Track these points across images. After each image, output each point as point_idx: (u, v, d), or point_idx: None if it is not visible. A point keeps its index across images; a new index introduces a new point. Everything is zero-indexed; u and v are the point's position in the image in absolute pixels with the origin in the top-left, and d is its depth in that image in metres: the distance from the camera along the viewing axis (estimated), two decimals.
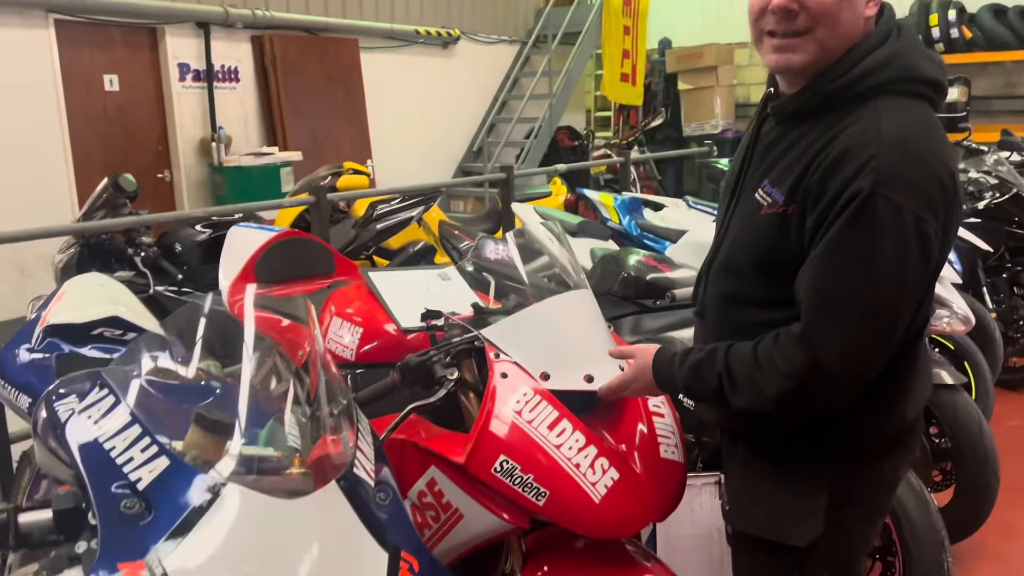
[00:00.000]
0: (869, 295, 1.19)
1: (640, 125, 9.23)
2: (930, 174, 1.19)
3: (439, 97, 8.34)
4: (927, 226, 1.18)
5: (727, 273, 1.43)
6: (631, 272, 2.52)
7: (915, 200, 1.17)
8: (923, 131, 1.22)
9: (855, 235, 1.18)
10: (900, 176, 1.17)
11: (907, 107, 1.25)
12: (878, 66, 1.25)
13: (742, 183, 1.44)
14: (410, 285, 2.08)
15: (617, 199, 4.20)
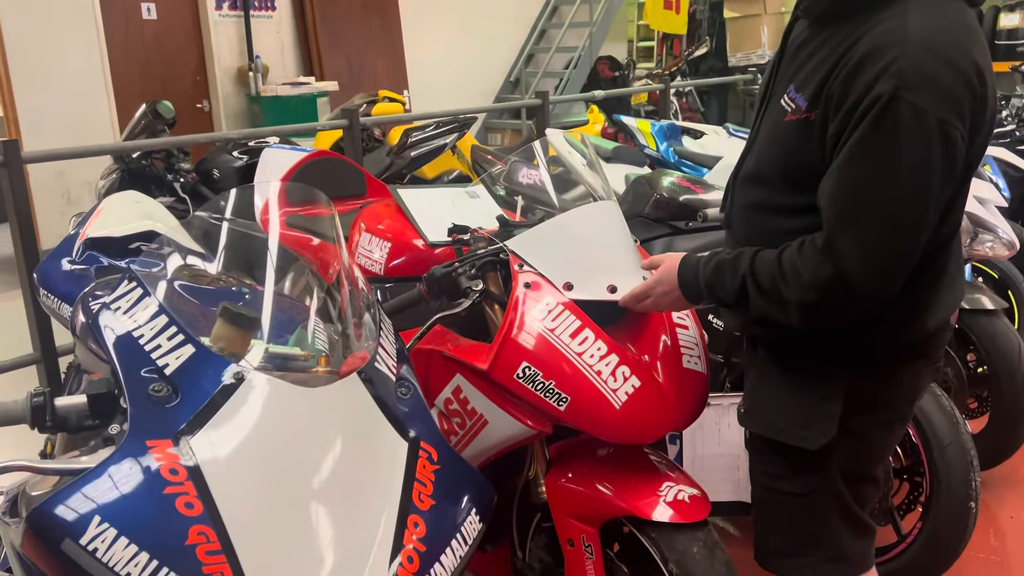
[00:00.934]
0: (892, 203, 1.17)
1: (683, 54, 8.97)
2: (957, 74, 1.15)
3: (476, 26, 8.19)
4: (952, 129, 1.14)
5: (754, 182, 1.40)
6: (663, 193, 2.49)
7: (939, 102, 1.13)
8: (953, 30, 1.17)
9: (876, 141, 1.15)
10: (924, 78, 1.13)
11: (940, 6, 1.19)
12: None
13: (772, 89, 1.40)
14: (438, 202, 2.08)
15: (655, 125, 4.12)
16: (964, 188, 1.28)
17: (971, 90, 1.16)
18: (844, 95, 1.19)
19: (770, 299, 1.27)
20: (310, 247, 2.37)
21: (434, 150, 4.13)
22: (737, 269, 1.31)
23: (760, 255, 1.29)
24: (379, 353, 1.17)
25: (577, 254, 1.56)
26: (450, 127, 4.16)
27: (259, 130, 3.79)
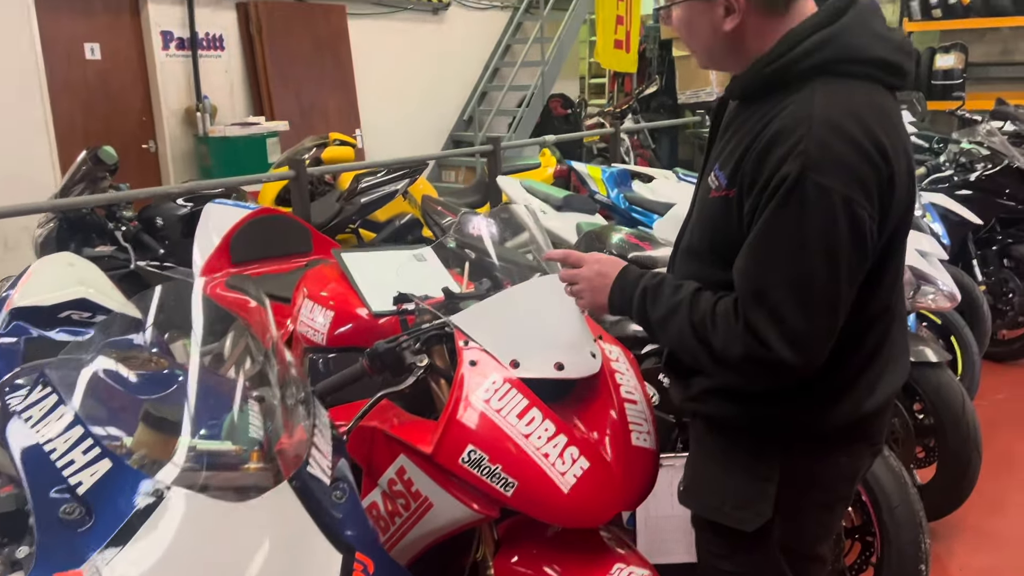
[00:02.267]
0: (801, 280, 1.17)
1: (634, 92, 9.11)
2: (861, 154, 1.16)
3: (429, 65, 8.21)
4: (858, 208, 1.16)
5: (690, 255, 1.43)
6: (613, 250, 2.48)
7: (844, 181, 1.15)
8: (859, 110, 1.19)
9: (784, 218, 1.17)
10: (829, 157, 1.15)
11: (848, 88, 1.22)
12: (815, 47, 1.22)
13: (705, 166, 1.44)
14: (383, 267, 2.04)
15: (605, 171, 4.14)
16: (889, 266, 1.29)
17: (876, 170, 1.17)
18: (756, 174, 1.21)
19: (696, 335, 1.26)
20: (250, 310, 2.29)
21: (385, 196, 4.09)
22: (678, 292, 1.31)
23: (702, 292, 1.31)
24: (313, 453, 1.12)
25: (524, 330, 1.53)
26: (401, 172, 4.13)
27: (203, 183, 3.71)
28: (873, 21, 1.28)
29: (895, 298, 1.35)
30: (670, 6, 1.35)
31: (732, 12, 1.26)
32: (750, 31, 1.28)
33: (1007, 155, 4.07)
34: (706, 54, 1.37)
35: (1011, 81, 8.55)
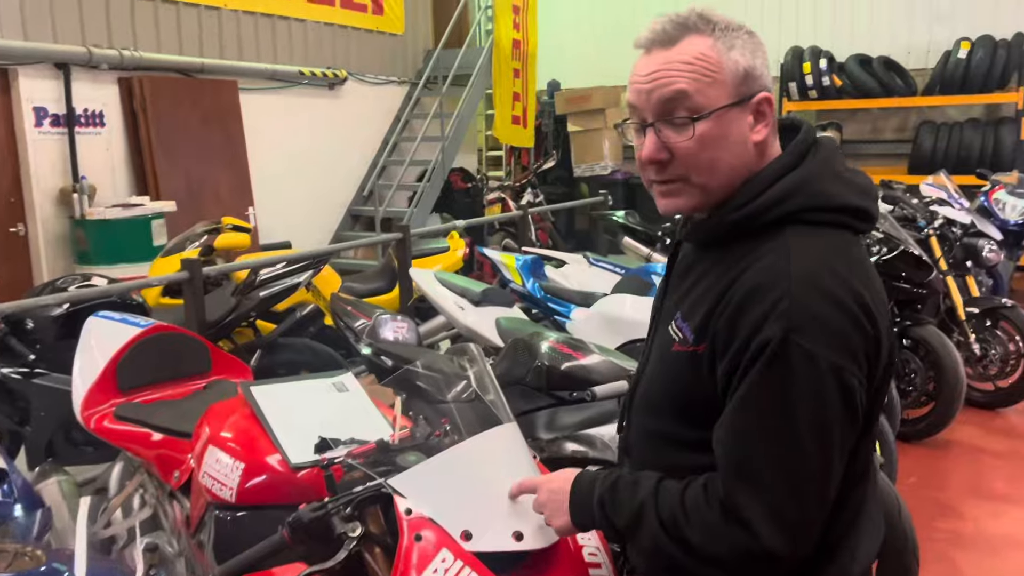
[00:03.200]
0: (790, 457, 1.07)
1: (532, 167, 9.20)
2: (847, 316, 1.08)
3: (326, 139, 8.02)
4: (848, 376, 1.07)
5: (651, 410, 1.29)
6: (544, 362, 2.34)
7: (832, 347, 1.06)
8: (836, 264, 1.11)
9: (768, 390, 1.07)
10: (813, 320, 1.06)
11: (821, 238, 1.14)
12: (784, 195, 1.15)
13: (663, 306, 1.34)
14: (299, 401, 1.81)
15: (519, 260, 4.04)
16: (869, 424, 1.19)
17: (862, 331, 1.09)
18: (731, 335, 1.11)
19: (670, 535, 1.14)
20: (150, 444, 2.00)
21: (286, 289, 3.84)
22: (636, 491, 1.18)
23: (664, 484, 1.17)
24: None
25: (475, 493, 1.35)
26: (304, 264, 3.89)
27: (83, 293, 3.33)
28: (836, 163, 1.21)
29: (872, 450, 1.25)
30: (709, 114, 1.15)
31: (763, 120, 1.18)
32: (760, 149, 1.19)
33: (900, 240, 4.23)
34: (733, 171, 1.18)
35: (881, 157, 9.17)
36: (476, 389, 1.54)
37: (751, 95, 1.15)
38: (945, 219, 4.72)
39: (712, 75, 1.14)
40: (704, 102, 1.14)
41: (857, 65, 8.66)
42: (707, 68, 1.14)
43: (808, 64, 8.78)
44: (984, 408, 4.52)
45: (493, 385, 1.54)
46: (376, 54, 8.65)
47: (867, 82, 8.58)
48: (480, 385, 1.55)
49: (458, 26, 8.63)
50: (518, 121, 9.20)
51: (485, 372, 1.56)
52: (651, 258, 5.12)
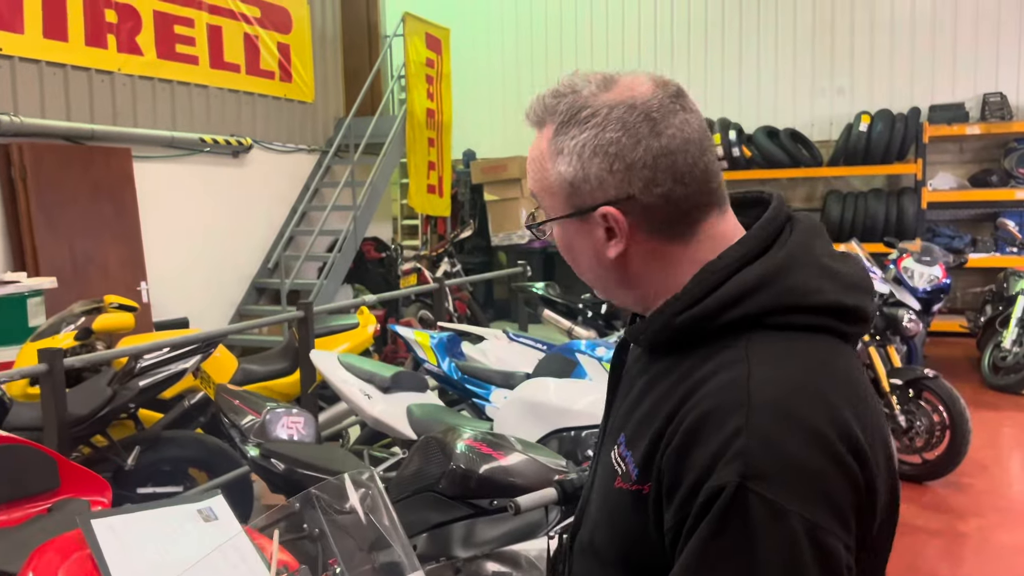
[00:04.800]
0: None
1: (449, 237, 8.99)
2: (828, 457, 0.82)
3: (229, 209, 7.61)
4: (827, 536, 0.80)
5: (592, 556, 1.01)
6: (460, 464, 2.04)
7: (806, 499, 0.80)
8: (814, 384, 0.86)
9: (721, 551, 0.81)
10: (780, 463, 0.80)
11: (793, 347, 0.89)
12: (741, 293, 0.90)
13: (609, 418, 1.09)
14: (153, 537, 1.45)
15: (434, 338, 3.75)
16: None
17: (850, 479, 0.82)
18: (678, 476, 0.85)
19: None
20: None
21: (171, 377, 3.42)
22: None
23: None
24: None
25: None
26: (192, 348, 3.49)
27: None
28: (816, 248, 0.96)
29: None
30: (539, 224, 1.04)
31: (614, 236, 0.95)
32: (645, 260, 0.97)
33: None
34: (596, 284, 1.04)
35: None
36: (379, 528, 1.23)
37: (588, 208, 0.95)
38: None
39: (544, 180, 0.99)
40: (545, 206, 1.01)
41: (765, 137, 8.90)
42: (540, 171, 0.99)
43: (718, 136, 8.96)
44: (912, 481, 4.42)
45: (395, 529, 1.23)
46: (284, 122, 8.36)
47: (775, 153, 8.80)
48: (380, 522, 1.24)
49: (370, 94, 8.46)
50: (433, 190, 9.02)
51: (383, 506, 1.25)
52: (572, 332, 4.91)
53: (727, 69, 9.57)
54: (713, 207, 0.95)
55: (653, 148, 0.91)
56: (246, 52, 7.76)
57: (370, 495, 1.28)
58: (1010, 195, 8.05)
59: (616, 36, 10.00)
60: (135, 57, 6.64)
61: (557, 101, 0.97)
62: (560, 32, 10.27)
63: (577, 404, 2.70)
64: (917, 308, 4.81)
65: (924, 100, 8.54)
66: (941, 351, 7.54)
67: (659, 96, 0.93)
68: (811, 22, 9.14)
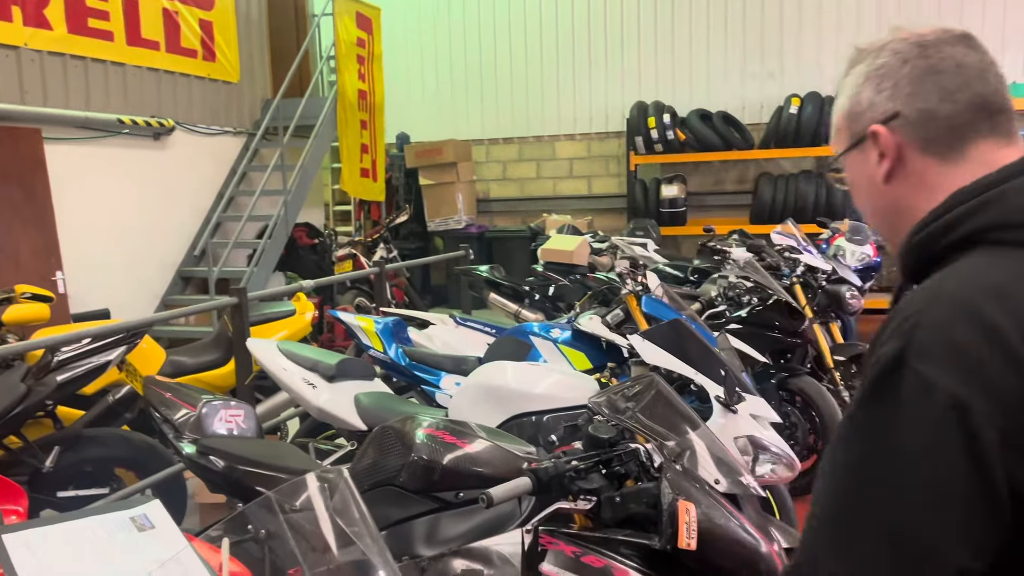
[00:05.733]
0: (880, 508, 0.79)
1: (384, 222, 8.77)
2: (992, 340, 0.79)
3: (152, 195, 7.21)
4: (973, 417, 0.77)
5: None
6: (422, 455, 1.90)
7: (959, 376, 0.78)
8: (1000, 287, 0.84)
9: (871, 419, 0.83)
10: (941, 340, 0.81)
11: (996, 258, 0.88)
12: (969, 212, 0.91)
13: None
14: (78, 554, 1.26)
15: (379, 323, 3.58)
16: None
17: (1016, 366, 0.78)
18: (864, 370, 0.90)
19: None
20: None
21: (92, 370, 3.16)
22: None
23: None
24: None
25: None
26: (115, 339, 3.23)
27: None
28: None
29: None
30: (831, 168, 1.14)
31: (885, 157, 1.00)
32: (914, 186, 0.99)
33: (771, 288, 4.14)
34: (875, 220, 1.08)
35: (724, 208, 9.48)
36: (350, 532, 1.08)
37: (861, 132, 1.02)
38: (806, 266, 4.72)
39: (834, 126, 1.10)
40: (837, 152, 1.09)
41: (698, 119, 8.94)
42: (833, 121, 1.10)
43: (652, 119, 8.97)
44: None
45: (369, 532, 1.08)
46: (208, 102, 7.97)
47: (708, 136, 8.86)
48: (351, 525, 1.09)
49: (299, 75, 8.13)
50: (367, 174, 8.76)
51: (354, 507, 1.11)
52: (520, 315, 4.80)
53: (661, 53, 9.58)
54: (991, 134, 0.96)
55: (919, 67, 0.97)
56: (166, 28, 7.35)
57: (339, 494, 1.13)
58: None
59: (550, 19, 9.89)
60: (43, 31, 6.19)
61: (857, 49, 1.06)
62: (494, 13, 10.10)
63: (537, 388, 2.58)
64: (859, 284, 4.87)
65: None
66: (871, 328, 7.73)
67: (937, 32, 0.98)
68: (742, 6, 9.22)
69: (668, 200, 9.22)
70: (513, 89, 10.14)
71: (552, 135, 10.15)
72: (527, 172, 10.35)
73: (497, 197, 10.47)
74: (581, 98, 9.88)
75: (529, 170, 10.34)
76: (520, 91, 10.13)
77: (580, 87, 9.85)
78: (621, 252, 3.99)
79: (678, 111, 9.11)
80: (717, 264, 5.00)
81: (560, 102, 9.99)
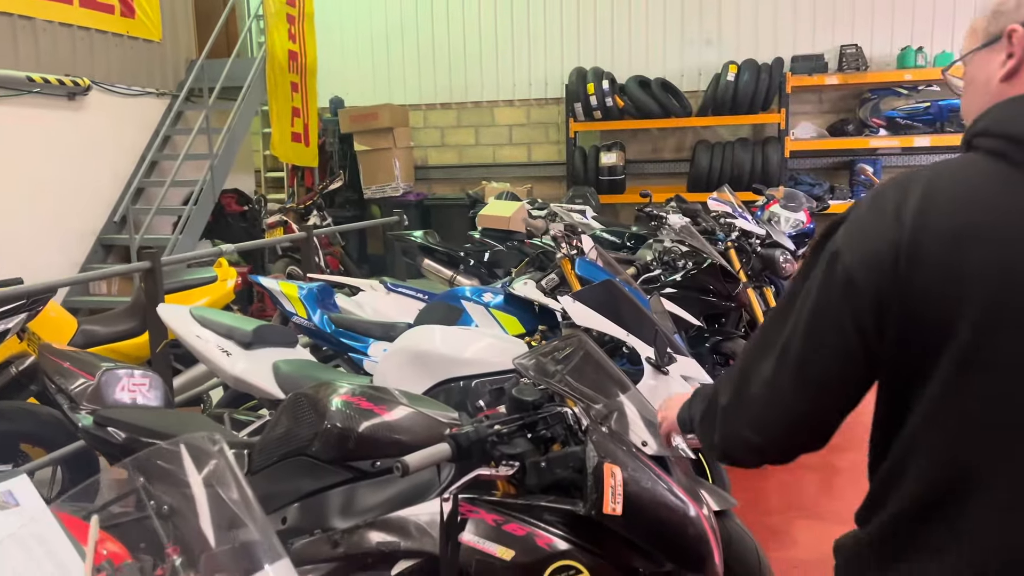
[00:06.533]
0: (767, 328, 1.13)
1: (318, 188, 8.50)
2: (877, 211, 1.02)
3: (68, 158, 6.83)
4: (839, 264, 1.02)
5: None
6: (336, 423, 1.78)
7: (848, 237, 1.03)
8: (931, 179, 1.01)
9: (806, 266, 1.10)
10: (858, 220, 1.04)
11: (959, 161, 1.05)
12: (978, 119, 1.08)
13: None
14: None
15: (303, 288, 3.42)
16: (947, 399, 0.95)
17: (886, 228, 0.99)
18: None
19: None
20: None
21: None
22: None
23: None
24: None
25: None
26: (13, 306, 3.01)
27: None
28: None
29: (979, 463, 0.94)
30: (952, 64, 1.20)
31: (1011, 56, 1.07)
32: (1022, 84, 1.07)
33: (706, 252, 4.11)
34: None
35: (662, 176, 9.49)
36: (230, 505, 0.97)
37: (996, 33, 1.09)
38: (741, 231, 4.71)
39: (970, 32, 1.15)
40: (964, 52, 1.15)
41: (637, 86, 8.88)
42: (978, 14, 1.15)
43: (592, 85, 8.87)
44: None
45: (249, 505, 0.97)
46: (127, 62, 7.55)
47: (647, 103, 8.81)
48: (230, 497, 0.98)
49: (225, 34, 7.78)
50: (299, 139, 8.47)
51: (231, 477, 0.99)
52: (455, 281, 4.68)
53: (600, 18, 9.47)
54: None
55: None
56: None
57: (216, 464, 1.01)
58: (865, 143, 8.43)
59: None
60: None
61: None
62: None
63: (466, 352, 2.49)
64: (792, 249, 4.90)
65: (787, 51, 8.75)
66: None
67: None
68: None
69: (607, 168, 9.17)
70: (451, 52, 9.91)
71: (491, 101, 9.97)
72: (466, 139, 10.17)
73: (435, 164, 10.27)
74: (520, 63, 9.72)
75: (468, 136, 10.16)
76: (458, 55, 9.91)
77: (519, 52, 9.68)
78: (560, 219, 3.91)
79: (617, 77, 9.03)
80: (654, 230, 4.96)
81: (499, 67, 9.81)
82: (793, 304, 1.06)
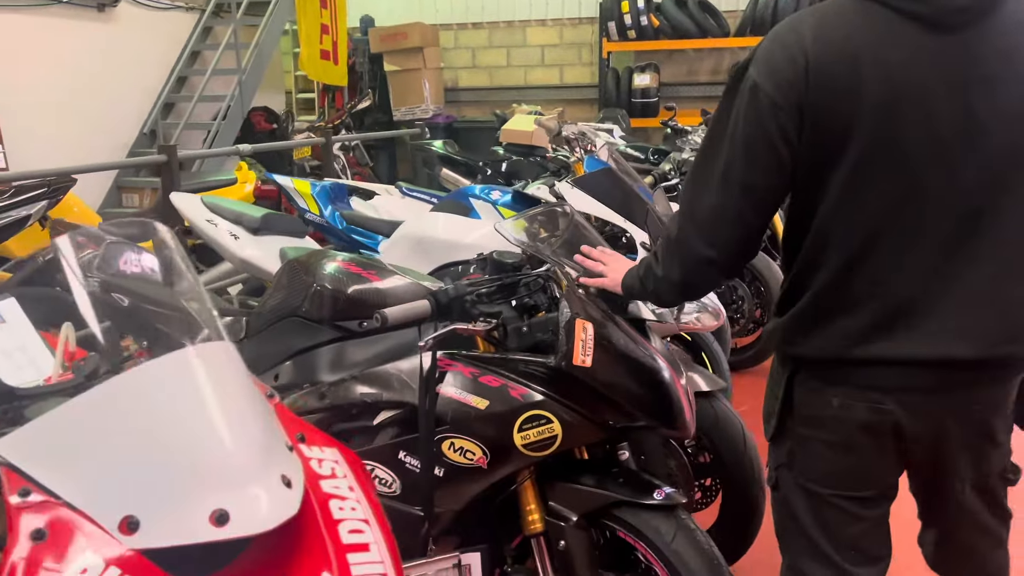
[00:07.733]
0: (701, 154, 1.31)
1: (346, 107, 8.48)
2: (778, 44, 1.21)
3: (97, 71, 6.88)
4: (760, 93, 1.20)
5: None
6: (326, 284, 1.83)
7: (762, 68, 1.21)
8: (814, 12, 1.22)
9: (726, 101, 1.27)
10: (766, 58, 1.21)
11: (843, 4, 1.21)
12: None
13: None
14: None
15: (316, 185, 3.45)
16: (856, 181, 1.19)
17: (790, 60, 1.19)
18: None
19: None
20: None
21: (11, 224, 3.04)
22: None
23: None
24: None
25: (145, 453, 0.83)
26: (36, 193, 3.09)
27: None
28: None
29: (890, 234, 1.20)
30: None
31: None
32: None
33: None
34: None
35: (696, 99, 9.25)
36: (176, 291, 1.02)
37: None
38: None
39: None
40: None
41: (673, 5, 8.61)
42: None
43: (626, 3, 8.62)
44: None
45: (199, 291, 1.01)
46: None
47: (683, 22, 8.55)
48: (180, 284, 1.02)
49: None
50: (328, 56, 8.40)
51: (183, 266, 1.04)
52: None
53: None
54: None
55: None
56: None
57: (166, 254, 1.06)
58: None
59: None
60: None
61: None
62: None
63: (467, 238, 2.51)
64: None
65: None
66: None
67: None
68: None
69: (640, 90, 8.97)
70: None
71: (523, 20, 9.76)
72: (497, 60, 10.00)
73: (466, 86, 10.14)
74: None
75: (499, 57, 9.99)
76: None
77: None
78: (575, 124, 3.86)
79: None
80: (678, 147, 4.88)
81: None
82: (721, 141, 1.24)
